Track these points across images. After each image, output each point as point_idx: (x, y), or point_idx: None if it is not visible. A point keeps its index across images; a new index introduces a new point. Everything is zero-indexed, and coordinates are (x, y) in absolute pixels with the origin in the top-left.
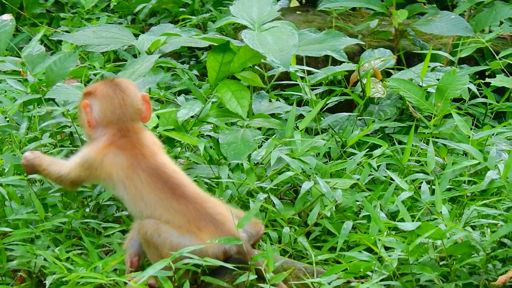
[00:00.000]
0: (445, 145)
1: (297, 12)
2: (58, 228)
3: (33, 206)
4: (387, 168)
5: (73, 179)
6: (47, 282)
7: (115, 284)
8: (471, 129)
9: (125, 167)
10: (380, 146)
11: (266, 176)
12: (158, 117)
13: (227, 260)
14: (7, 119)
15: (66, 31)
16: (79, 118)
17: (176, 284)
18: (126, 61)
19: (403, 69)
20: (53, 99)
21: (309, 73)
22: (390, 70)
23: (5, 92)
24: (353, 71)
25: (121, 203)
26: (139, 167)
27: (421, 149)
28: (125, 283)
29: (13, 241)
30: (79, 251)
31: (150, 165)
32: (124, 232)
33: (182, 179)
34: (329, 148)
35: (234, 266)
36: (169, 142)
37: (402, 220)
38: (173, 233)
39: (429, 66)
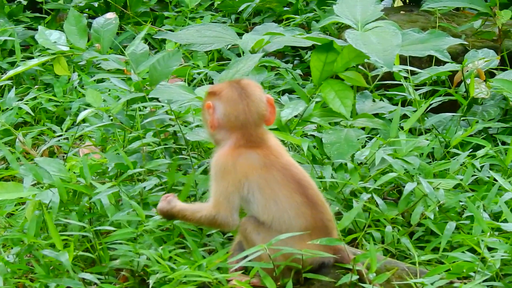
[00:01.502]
0: None
1: (401, 12)
2: (160, 227)
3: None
4: (490, 169)
5: (224, 208)
6: (151, 281)
7: (219, 282)
8: None
9: (260, 166)
10: (483, 147)
11: (370, 176)
12: None
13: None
14: (111, 117)
15: (170, 30)
16: (202, 117)
17: (279, 283)
18: (230, 60)
19: (507, 69)
20: (156, 98)
21: (413, 73)
22: (494, 71)
23: (109, 90)
24: (457, 71)
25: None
26: (273, 167)
27: None
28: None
29: (116, 240)
30: (182, 250)
31: (282, 165)
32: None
33: (309, 181)
34: (433, 148)
35: (336, 266)
36: None
37: (506, 220)
38: (273, 233)
39: None
